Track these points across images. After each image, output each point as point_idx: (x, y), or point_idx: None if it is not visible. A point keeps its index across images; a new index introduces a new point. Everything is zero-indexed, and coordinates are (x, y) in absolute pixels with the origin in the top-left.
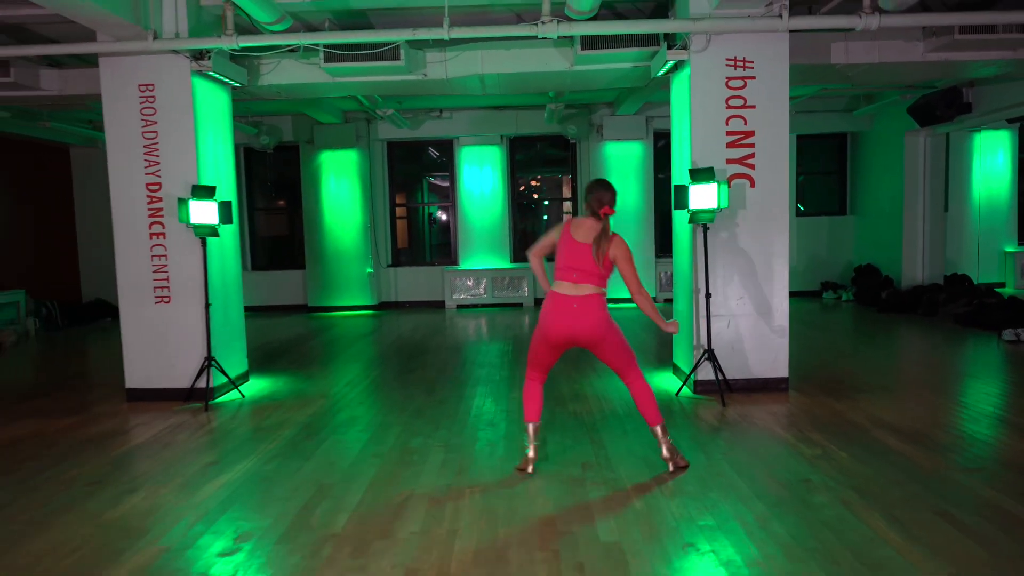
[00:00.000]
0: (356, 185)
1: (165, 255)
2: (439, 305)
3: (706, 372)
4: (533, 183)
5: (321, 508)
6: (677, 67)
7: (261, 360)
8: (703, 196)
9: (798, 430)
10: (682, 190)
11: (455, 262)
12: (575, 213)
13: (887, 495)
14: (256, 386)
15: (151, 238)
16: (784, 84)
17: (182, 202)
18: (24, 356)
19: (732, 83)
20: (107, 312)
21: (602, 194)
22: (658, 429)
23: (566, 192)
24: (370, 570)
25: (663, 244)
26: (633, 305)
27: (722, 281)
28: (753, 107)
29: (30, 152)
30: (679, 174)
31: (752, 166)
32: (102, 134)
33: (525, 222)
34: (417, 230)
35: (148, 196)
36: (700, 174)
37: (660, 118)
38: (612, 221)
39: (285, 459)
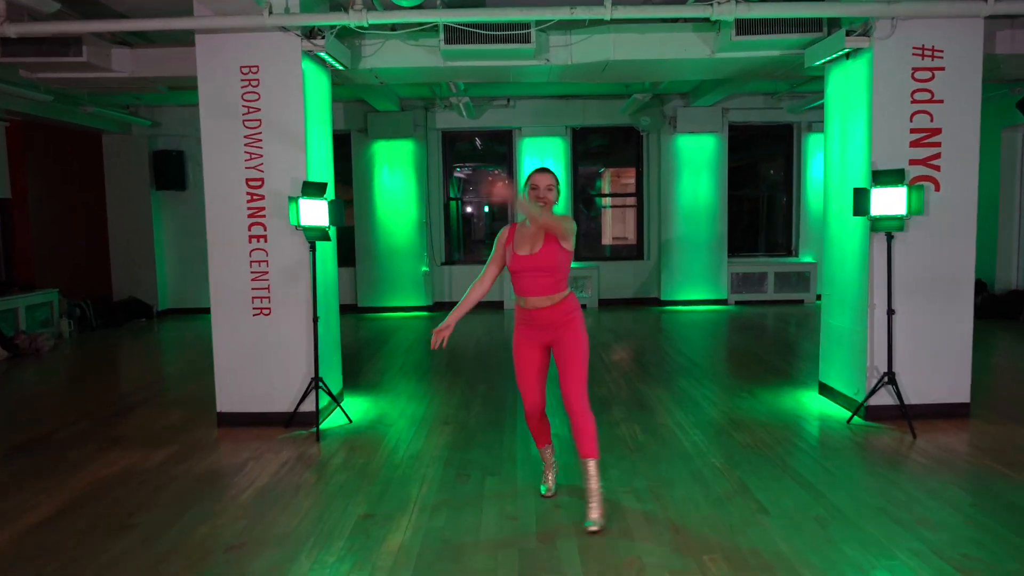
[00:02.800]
0: (412, 177)
1: (266, 260)
2: (498, 306)
3: (878, 397)
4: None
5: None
6: (849, 55)
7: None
8: (888, 201)
9: None
10: (862, 194)
11: None
12: (641, 209)
13: None
14: (355, 407)
15: (250, 241)
16: (976, 76)
17: (292, 201)
18: (66, 365)
19: (918, 75)
20: (141, 312)
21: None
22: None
23: (631, 187)
24: None
25: (736, 243)
26: (703, 308)
27: (899, 296)
28: (940, 101)
29: (61, 139)
30: (846, 175)
31: (937, 167)
32: (138, 119)
33: (588, 218)
34: (472, 226)
35: (248, 193)
36: (885, 176)
37: (736, 110)
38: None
39: (453, 510)
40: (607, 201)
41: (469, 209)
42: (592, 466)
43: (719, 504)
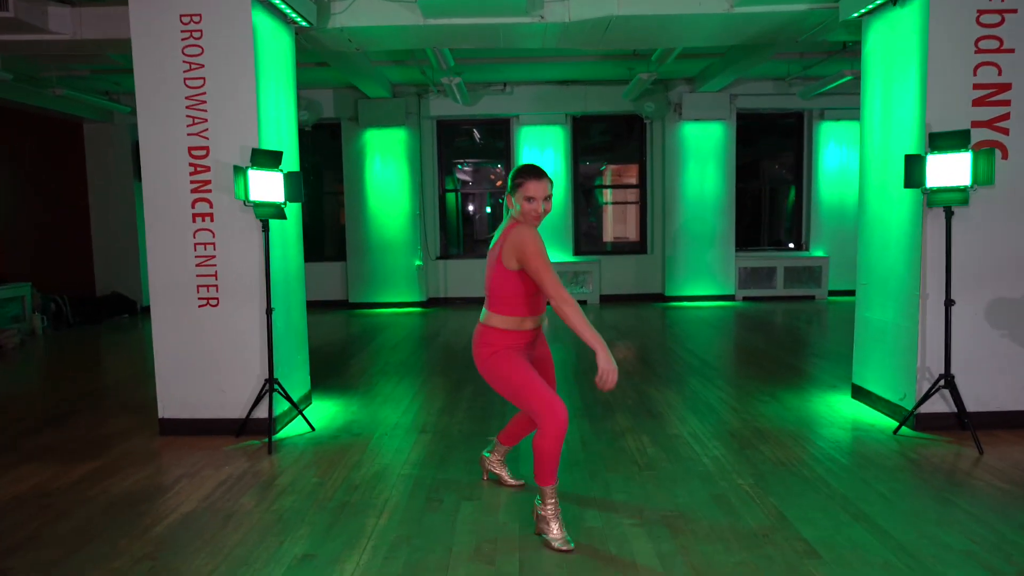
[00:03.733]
0: (404, 168)
1: (213, 243)
2: None
3: (931, 404)
4: (600, 169)
5: None
6: (897, 1)
7: (315, 374)
8: (948, 169)
9: None
10: (916, 162)
11: None
12: (645, 201)
13: None
14: (322, 412)
15: (194, 220)
16: None
17: (239, 172)
18: (29, 363)
19: (984, 19)
20: (124, 307)
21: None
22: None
23: (633, 179)
24: None
25: (743, 236)
26: (709, 304)
27: (957, 284)
28: (1011, 51)
29: (37, 127)
30: (891, 141)
31: (1006, 131)
32: (120, 106)
33: (589, 211)
34: (470, 221)
35: (191, 164)
36: (946, 140)
37: (745, 96)
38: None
39: (415, 550)
40: (608, 197)
41: (470, 208)
42: (550, 492)
43: (754, 544)
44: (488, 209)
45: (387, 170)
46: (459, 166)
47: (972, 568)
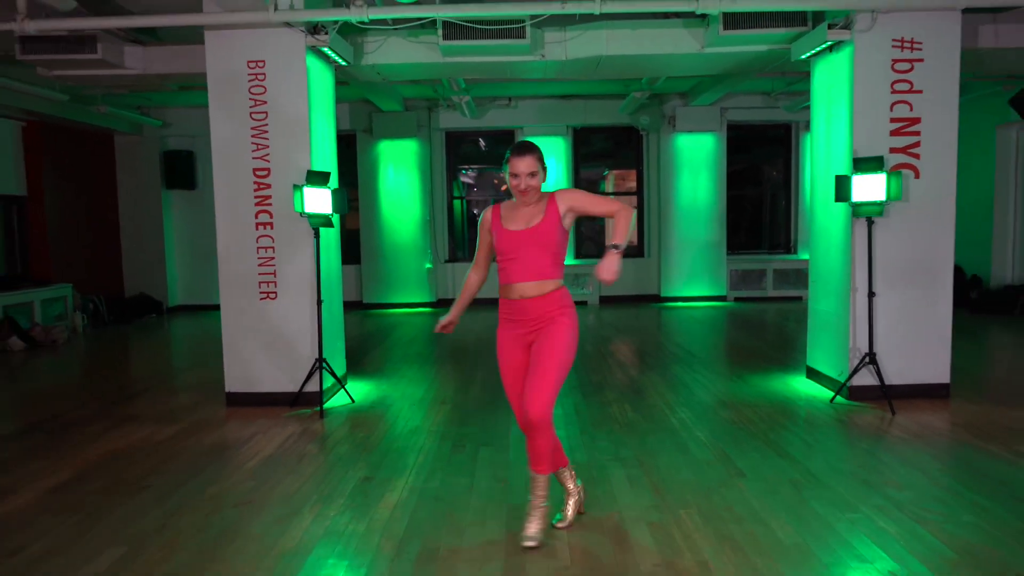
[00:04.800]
0: (415, 177)
1: (272, 247)
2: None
3: (860, 378)
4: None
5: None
6: (832, 48)
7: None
8: (868, 187)
9: (1003, 444)
10: (843, 181)
11: None
12: (642, 208)
13: None
14: (357, 390)
15: (257, 228)
16: (954, 67)
17: (297, 188)
18: (80, 355)
19: (898, 66)
20: (151, 308)
21: None
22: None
23: (632, 188)
24: None
25: (734, 240)
26: (702, 304)
27: (881, 279)
28: (920, 92)
29: (75, 140)
30: (831, 164)
31: (917, 156)
32: (149, 119)
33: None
34: (476, 225)
35: (255, 183)
36: (865, 164)
37: (735, 109)
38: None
39: (447, 475)
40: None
41: (476, 212)
42: (539, 481)
43: (699, 469)
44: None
45: (399, 179)
46: (463, 171)
47: (853, 482)
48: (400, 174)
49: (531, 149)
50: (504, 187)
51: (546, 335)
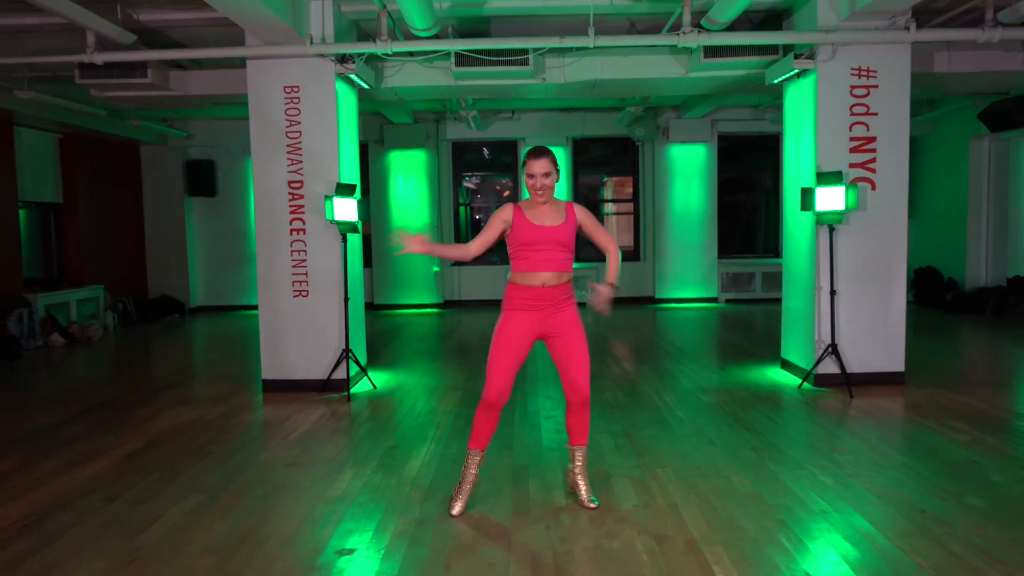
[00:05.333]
0: (424, 184)
1: (305, 250)
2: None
3: (825, 367)
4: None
5: (531, 486)
6: (799, 75)
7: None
8: (830, 198)
9: (936, 420)
10: (808, 193)
11: None
12: (637, 214)
13: None
14: (377, 378)
15: (291, 234)
16: (905, 93)
17: (327, 199)
18: (116, 350)
19: (856, 91)
20: (174, 308)
21: None
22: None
23: (630, 189)
24: (621, 535)
25: (725, 245)
26: (694, 305)
27: (843, 279)
28: (875, 114)
29: (106, 149)
30: (799, 178)
31: (874, 170)
32: (174, 131)
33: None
34: (480, 230)
35: (290, 194)
36: (827, 177)
37: (725, 121)
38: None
39: (463, 444)
40: (610, 208)
41: (477, 217)
42: (583, 452)
43: (676, 440)
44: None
45: (408, 187)
46: (466, 178)
47: (804, 449)
48: (409, 182)
49: (545, 152)
50: (506, 193)
51: (568, 325)
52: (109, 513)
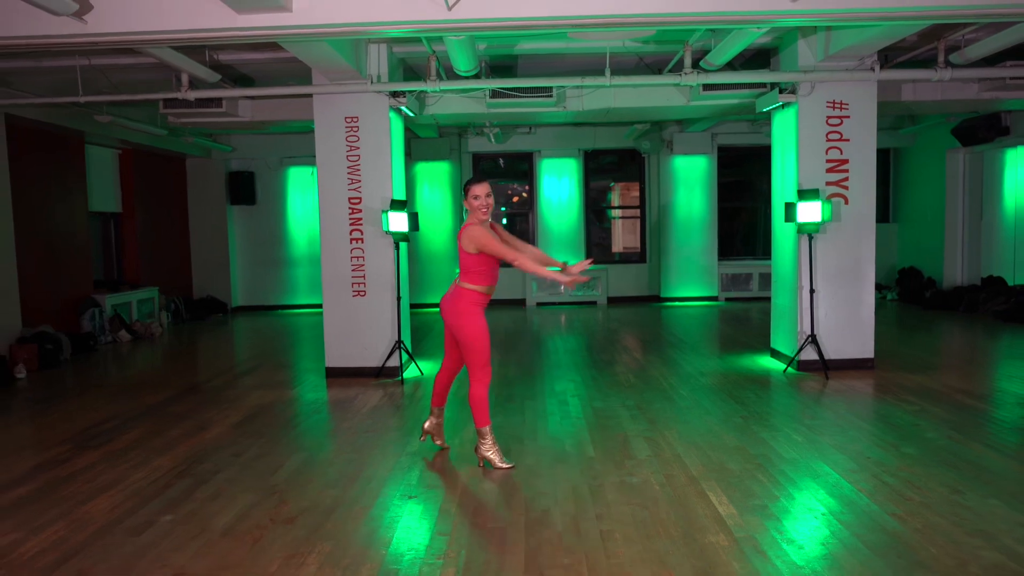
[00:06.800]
0: (448, 194)
1: (363, 256)
2: (520, 304)
3: (806, 354)
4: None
5: (567, 444)
6: (783, 106)
7: None
8: (809, 211)
9: (895, 395)
10: (791, 206)
11: None
12: (644, 219)
13: (976, 431)
14: (423, 367)
15: (351, 242)
16: (873, 121)
17: (384, 213)
18: (179, 345)
19: (831, 121)
20: (218, 308)
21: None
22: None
23: (635, 200)
24: (639, 474)
25: (724, 248)
26: (696, 304)
27: (821, 279)
28: (848, 140)
29: (157, 162)
30: (784, 193)
31: (847, 187)
32: (219, 145)
33: (600, 227)
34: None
35: (350, 208)
36: (807, 194)
37: (724, 134)
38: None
39: (505, 415)
40: (617, 213)
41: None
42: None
43: (680, 411)
44: (504, 221)
45: (433, 196)
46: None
47: (783, 417)
48: (434, 192)
49: (485, 179)
50: (516, 198)
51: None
52: (240, 464)
